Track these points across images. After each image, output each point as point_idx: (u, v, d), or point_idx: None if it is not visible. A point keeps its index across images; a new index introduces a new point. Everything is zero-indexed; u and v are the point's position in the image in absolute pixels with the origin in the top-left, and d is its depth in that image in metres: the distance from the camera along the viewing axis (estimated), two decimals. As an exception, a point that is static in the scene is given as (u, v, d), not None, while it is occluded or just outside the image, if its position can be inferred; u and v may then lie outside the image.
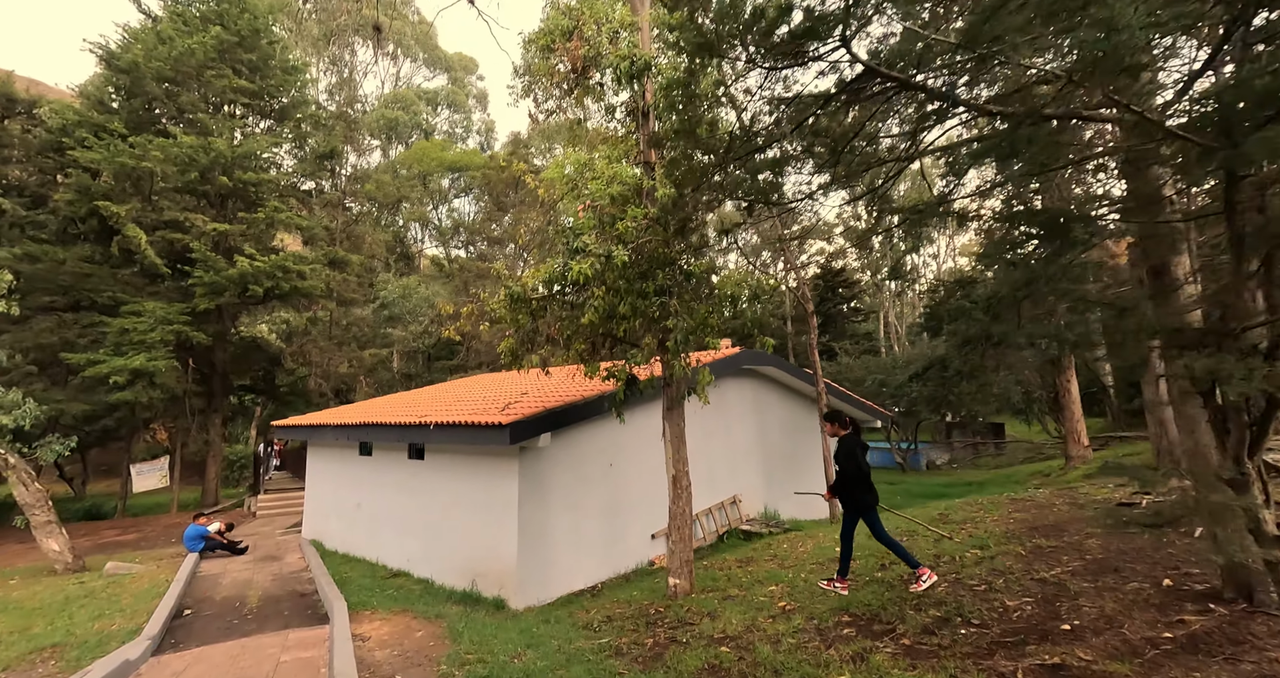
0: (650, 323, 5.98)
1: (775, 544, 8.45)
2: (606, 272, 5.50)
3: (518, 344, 7.21)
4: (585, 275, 5.27)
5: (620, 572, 9.15)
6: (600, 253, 5.44)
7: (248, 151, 16.04)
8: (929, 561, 5.37)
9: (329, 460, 12.71)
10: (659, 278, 5.91)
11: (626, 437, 9.60)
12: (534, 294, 6.93)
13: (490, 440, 7.74)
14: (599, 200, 5.62)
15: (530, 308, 6.89)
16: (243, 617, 7.90)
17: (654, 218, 6.05)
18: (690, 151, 4.49)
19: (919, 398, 13.40)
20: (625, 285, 5.90)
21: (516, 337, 7.18)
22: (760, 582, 6.43)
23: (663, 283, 5.88)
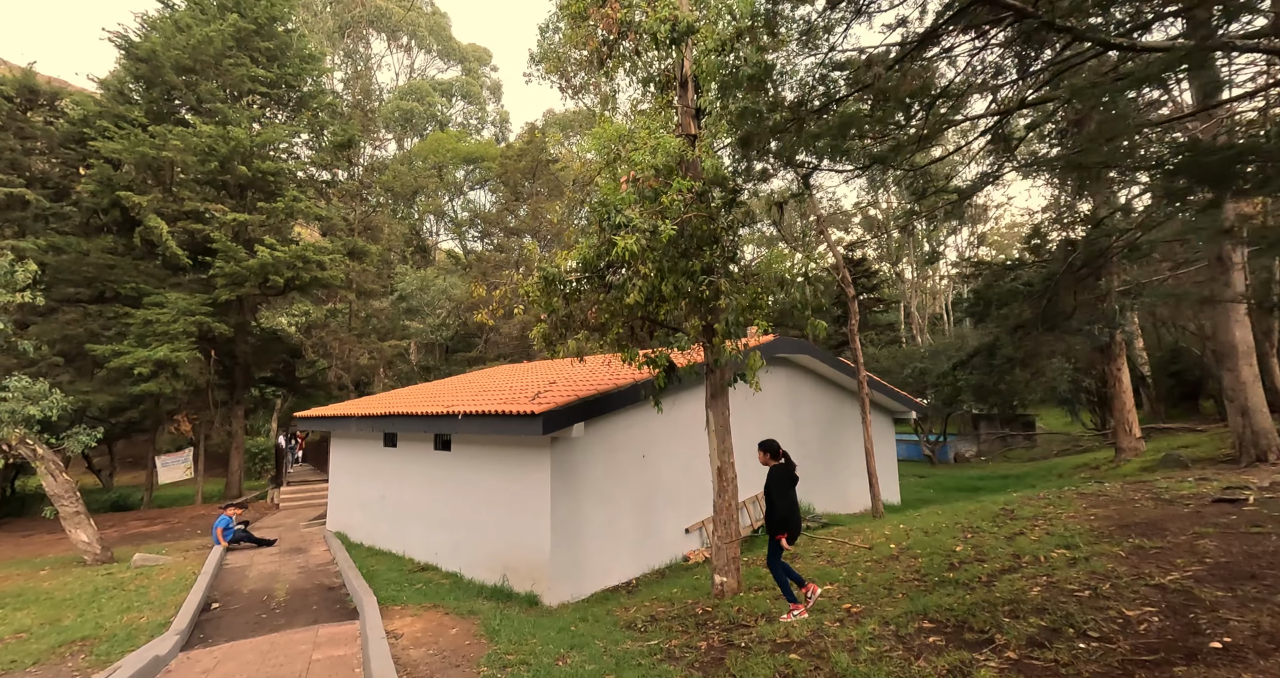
0: (698, 304, 5.59)
1: (819, 540, 8.05)
2: (651, 248, 5.11)
3: (551, 330, 6.87)
4: (630, 252, 4.88)
5: (654, 567, 8.84)
6: (645, 227, 5.05)
7: (267, 140, 15.87)
8: (1004, 555, 4.95)
9: (352, 452, 12.55)
10: (706, 255, 5.51)
11: (659, 427, 9.25)
12: (569, 276, 6.56)
13: (522, 430, 7.43)
14: (643, 172, 5.23)
15: (565, 291, 6.53)
16: (271, 611, 7.72)
17: (698, 192, 5.65)
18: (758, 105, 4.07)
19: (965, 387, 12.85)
20: (669, 264, 5.51)
21: (550, 321, 6.84)
22: (812, 581, 6.03)
23: (710, 261, 5.48)
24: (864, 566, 6.01)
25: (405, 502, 10.46)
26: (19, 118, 15.37)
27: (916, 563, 5.54)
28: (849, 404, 13.27)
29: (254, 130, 16.06)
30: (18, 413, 10.07)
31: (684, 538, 9.39)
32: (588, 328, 6.41)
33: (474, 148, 35.78)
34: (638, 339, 6.69)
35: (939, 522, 7.01)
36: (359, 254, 18.28)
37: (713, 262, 5.47)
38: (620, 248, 4.89)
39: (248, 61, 16.52)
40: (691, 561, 9.07)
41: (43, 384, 10.57)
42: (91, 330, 14.49)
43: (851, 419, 13.26)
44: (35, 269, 11.03)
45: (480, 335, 27.70)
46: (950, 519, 6.94)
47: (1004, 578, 4.26)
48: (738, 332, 5.13)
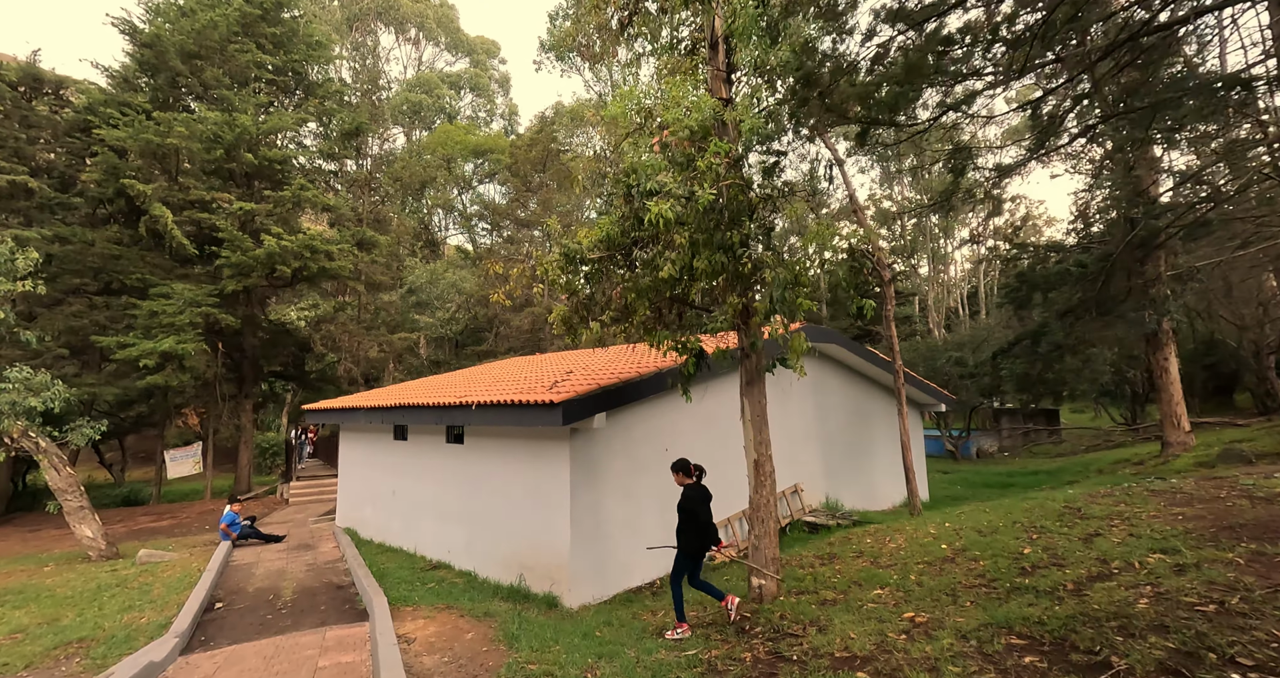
0: (735, 280, 5.07)
1: (856, 538, 7.53)
2: (687, 216, 4.60)
3: (571, 313, 6.38)
4: (665, 219, 4.38)
5: (678, 567, 8.35)
6: (681, 193, 4.54)
7: (273, 128, 15.50)
8: (1087, 559, 4.41)
9: (362, 446, 12.17)
10: (745, 226, 4.99)
11: (682, 419, 8.76)
12: (591, 254, 6.06)
13: (539, 421, 6.97)
14: (676, 132, 4.71)
15: (587, 270, 6.04)
16: (276, 611, 7.33)
17: (735, 158, 5.12)
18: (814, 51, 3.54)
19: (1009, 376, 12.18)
20: (704, 237, 5.00)
21: (570, 304, 6.36)
22: (858, 583, 5.53)
23: (750, 232, 4.96)
24: (915, 568, 5.48)
25: (416, 497, 10.06)
26: (23, 106, 15.11)
27: (978, 566, 5.01)
28: (876, 396, 12.71)
29: (260, 118, 15.68)
30: (19, 405, 9.76)
31: (709, 536, 8.89)
32: (611, 310, 5.91)
33: (483, 140, 35.34)
34: (665, 322, 6.19)
35: (991, 520, 6.46)
36: (368, 245, 17.90)
37: (753, 233, 4.94)
38: (654, 214, 4.38)
39: (253, 48, 16.15)
40: (718, 559, 8.58)
41: (44, 375, 10.26)
42: (97, 322, 14.22)
43: (879, 411, 12.70)
44: (36, 257, 10.71)
45: (490, 329, 27.32)
46: (1004, 518, 6.39)
47: (1096, 587, 3.74)
48: (784, 308, 4.61)
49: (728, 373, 9.18)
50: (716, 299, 6.09)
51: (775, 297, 4.61)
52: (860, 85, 3.86)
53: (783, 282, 4.55)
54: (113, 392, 13.95)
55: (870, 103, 3.94)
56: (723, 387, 9.33)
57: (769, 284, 4.66)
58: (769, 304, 4.68)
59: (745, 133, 4.86)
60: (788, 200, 4.98)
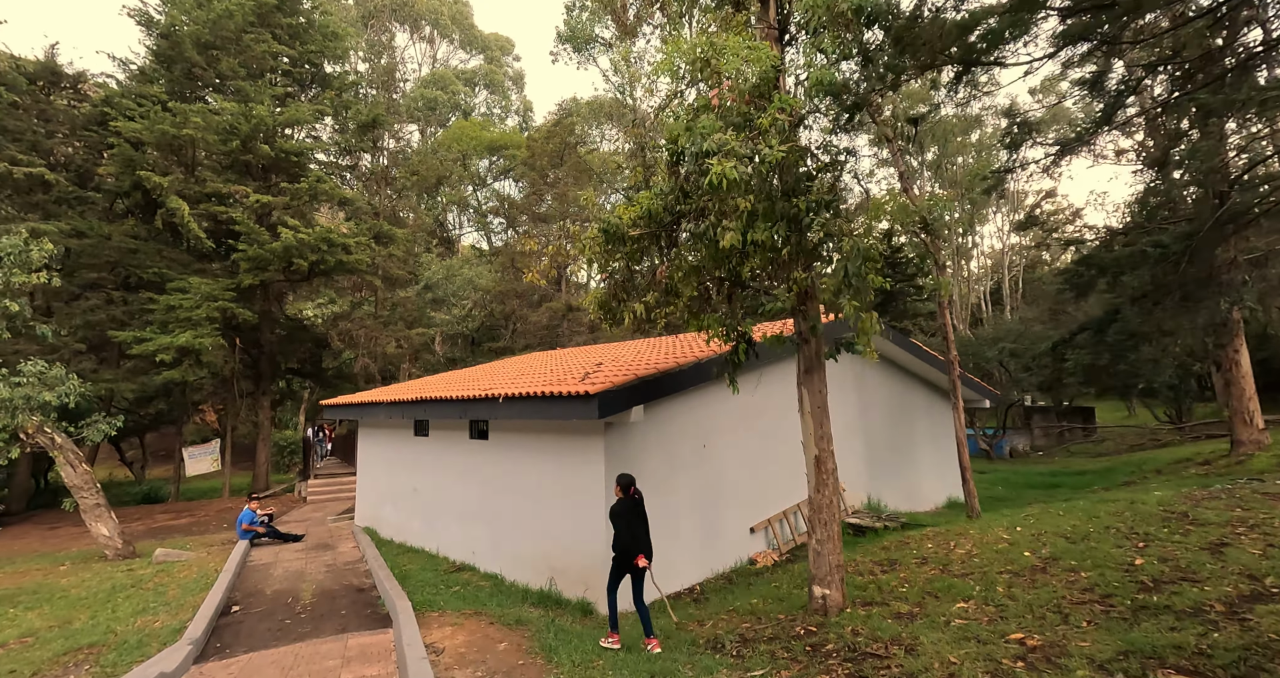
0: (800, 254, 4.52)
1: (914, 543, 6.94)
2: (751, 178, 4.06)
3: (609, 295, 5.87)
4: (728, 180, 3.84)
5: (718, 571, 7.83)
6: (745, 153, 4.00)
7: (290, 119, 15.22)
8: (1227, 573, 3.80)
9: (381, 442, 11.80)
10: (812, 193, 4.44)
11: (720, 413, 8.23)
12: (633, 230, 5.54)
13: (572, 414, 6.48)
14: (739, 85, 4.16)
15: (627, 248, 5.53)
16: (295, 616, 6.93)
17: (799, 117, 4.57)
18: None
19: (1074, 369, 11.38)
20: (766, 205, 4.46)
21: (609, 285, 5.85)
22: (933, 595, 4.95)
23: (819, 199, 4.40)
24: (1000, 578, 4.88)
25: (438, 496, 9.63)
26: (41, 100, 14.98)
27: (1081, 578, 4.41)
28: (918, 391, 12.06)
29: (277, 110, 15.40)
30: (33, 399, 9.50)
31: (749, 539, 8.36)
32: (655, 291, 5.39)
33: (498, 136, 35.02)
34: (714, 305, 5.66)
35: (1074, 524, 5.84)
36: (385, 238, 17.58)
37: (821, 200, 4.39)
38: (715, 173, 3.84)
39: (270, 38, 15.88)
40: (759, 564, 8.04)
41: (59, 369, 9.99)
42: (114, 317, 14.03)
43: (921, 408, 12.05)
44: (51, 249, 10.46)
45: (507, 325, 26.96)
46: (1088, 521, 5.77)
47: (1260, 610, 3.14)
48: (859, 283, 4.05)
49: (768, 364, 8.62)
50: (770, 278, 5.54)
51: (850, 271, 4.05)
52: (957, 22, 3.31)
53: (860, 252, 3.99)
54: (130, 388, 13.75)
55: (970, 40, 3.38)
56: (763, 379, 8.77)
57: (843, 256, 4.10)
58: (841, 279, 4.12)
59: (811, 85, 4.30)
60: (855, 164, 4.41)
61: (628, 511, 5.33)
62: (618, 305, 5.83)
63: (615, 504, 5.42)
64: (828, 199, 4.44)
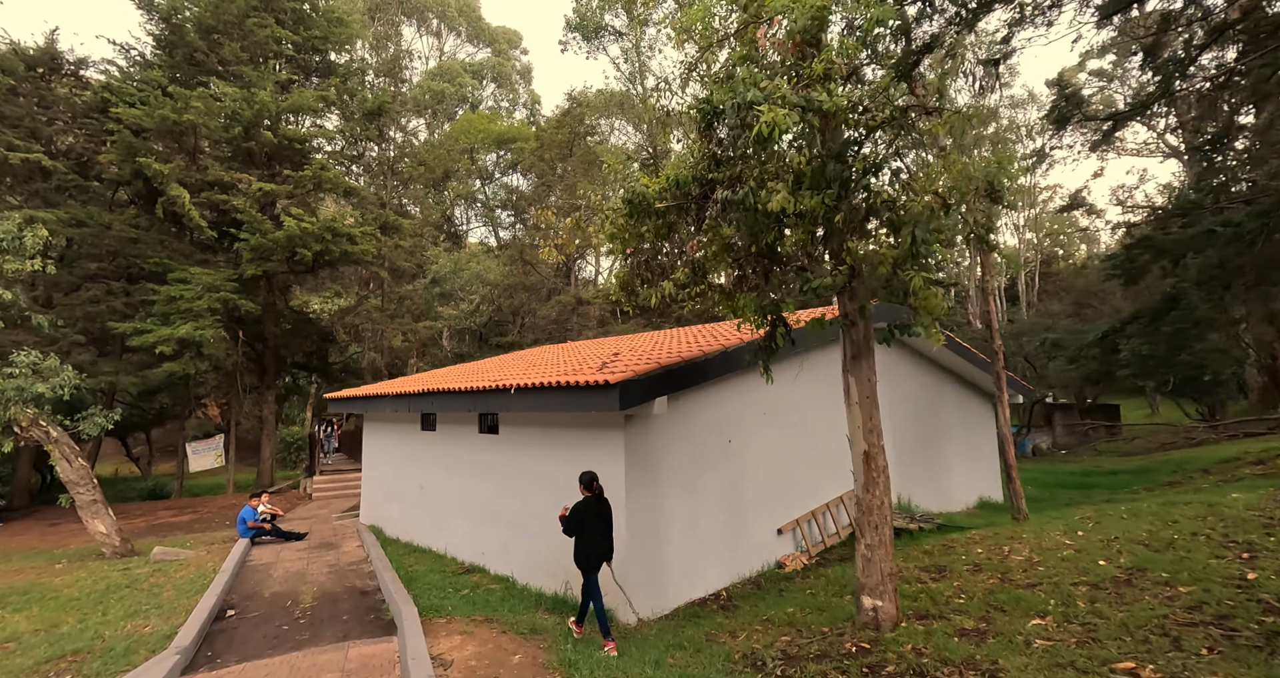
0: (855, 223, 3.98)
1: (959, 547, 6.39)
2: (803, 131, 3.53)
3: (632, 274, 5.36)
4: (781, 129, 3.31)
5: (745, 575, 7.32)
6: (797, 101, 3.46)
7: (294, 106, 14.80)
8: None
9: (386, 437, 11.36)
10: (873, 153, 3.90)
11: (746, 406, 7.71)
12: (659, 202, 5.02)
13: (591, 406, 5.97)
14: (795, 22, 3.62)
15: (653, 222, 5.01)
16: (294, 621, 6.49)
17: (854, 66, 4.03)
18: None
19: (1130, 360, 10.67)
20: (816, 167, 3.93)
21: (631, 264, 5.33)
22: (999, 608, 4.42)
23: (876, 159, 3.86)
24: (1077, 590, 4.34)
25: (446, 493, 9.17)
26: (41, 86, 14.64)
27: (1180, 594, 3.86)
28: (948, 385, 11.47)
29: (280, 97, 14.98)
30: (25, 390, 9.12)
31: (776, 541, 7.84)
32: (684, 269, 4.87)
33: (506, 129, 34.55)
34: (748, 284, 5.13)
35: (1150, 530, 5.28)
36: (391, 229, 17.14)
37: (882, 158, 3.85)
38: (765, 121, 3.31)
39: (273, 23, 15.46)
40: (788, 567, 7.51)
41: (53, 359, 9.61)
42: (115, 309, 13.69)
43: (951, 403, 11.47)
44: (45, 235, 10.08)
45: (515, 320, 26.52)
46: (1165, 526, 5.20)
47: None
48: (926, 252, 3.52)
49: (802, 353, 8.09)
50: (812, 254, 5.00)
51: (919, 237, 3.51)
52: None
53: (935, 214, 3.45)
54: (131, 381, 13.41)
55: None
56: (791, 369, 8.25)
57: (912, 220, 3.55)
58: (909, 247, 3.57)
59: (868, 25, 3.76)
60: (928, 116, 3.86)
61: (589, 509, 5.34)
62: (642, 286, 5.32)
63: (578, 503, 5.40)
64: (885, 159, 3.89)
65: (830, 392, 8.98)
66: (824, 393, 8.83)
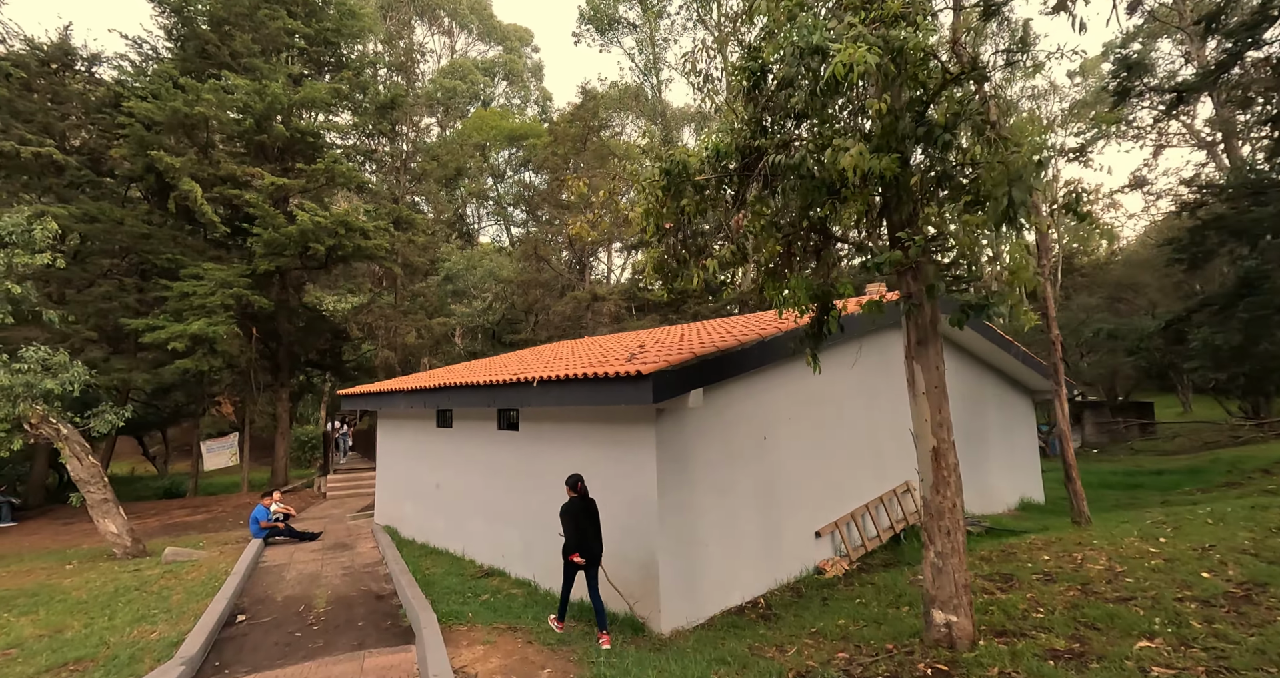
0: (933, 185, 3.52)
1: (1023, 553, 5.87)
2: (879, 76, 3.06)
3: (668, 254, 4.91)
4: (860, 71, 2.84)
5: (783, 581, 6.85)
6: (874, 40, 2.99)
7: (306, 99, 14.53)
8: None
9: (401, 435, 11.03)
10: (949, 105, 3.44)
11: (781, 400, 7.23)
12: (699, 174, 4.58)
13: (620, 399, 5.54)
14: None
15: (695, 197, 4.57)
16: (306, 627, 6.14)
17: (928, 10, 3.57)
18: None
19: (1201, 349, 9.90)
20: (888, 122, 3.47)
21: (667, 244, 4.89)
22: (1090, 625, 3.92)
23: (960, 111, 3.39)
24: (1187, 608, 3.82)
25: (463, 492, 8.80)
26: (55, 82, 14.53)
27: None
28: (988, 380, 10.90)
29: (292, 90, 14.73)
30: (34, 386, 8.89)
31: (814, 544, 7.35)
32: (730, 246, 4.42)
33: (518, 126, 34.27)
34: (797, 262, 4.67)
35: (1253, 537, 4.74)
36: (405, 223, 16.86)
37: (962, 112, 3.37)
38: (842, 60, 2.84)
39: (284, 15, 15.23)
40: (828, 573, 7.03)
41: (62, 355, 9.38)
42: (127, 305, 13.52)
43: (991, 399, 10.89)
44: (55, 228, 9.86)
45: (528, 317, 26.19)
46: (1273, 534, 4.64)
47: None
48: (1026, 213, 3.04)
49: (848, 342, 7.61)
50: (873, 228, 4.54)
51: (1016, 199, 3.02)
52: None
53: (1034, 169, 2.98)
54: (144, 377, 13.23)
55: None
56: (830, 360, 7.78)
57: (999, 181, 3.07)
58: (1003, 210, 3.09)
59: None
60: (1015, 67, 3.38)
61: (578, 510, 5.41)
62: (679, 266, 4.87)
63: (566, 503, 5.47)
64: (968, 113, 3.41)
65: (869, 384, 8.48)
66: (862, 385, 8.33)
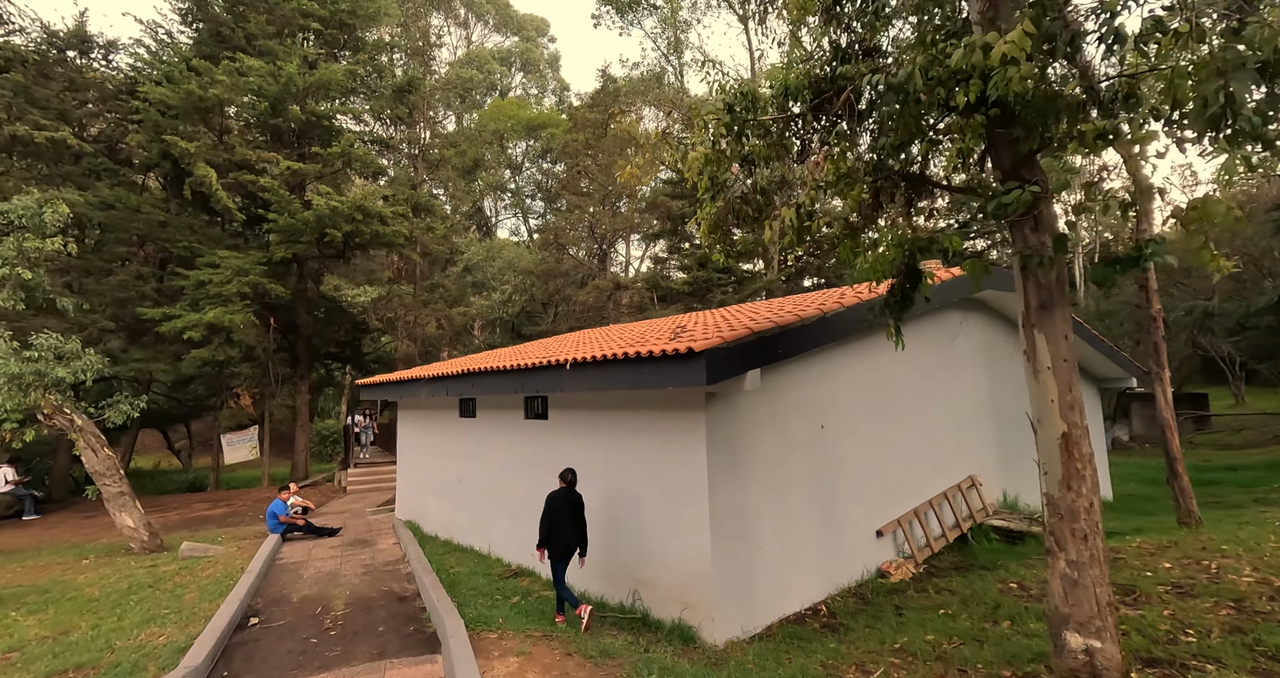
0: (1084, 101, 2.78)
1: (1127, 557, 5.11)
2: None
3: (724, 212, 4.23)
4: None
5: (843, 585, 6.15)
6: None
7: (321, 81, 14.08)
8: None
9: (423, 426, 10.54)
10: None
11: (838, 385, 6.52)
12: (764, 114, 3.89)
13: (666, 381, 4.88)
14: None
15: (760, 143, 3.88)
16: (323, 632, 5.62)
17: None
18: None
19: None
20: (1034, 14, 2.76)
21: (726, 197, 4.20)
22: (1272, 656, 3.14)
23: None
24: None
25: (489, 486, 8.25)
26: (72, 69, 14.30)
27: None
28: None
29: (307, 72, 14.30)
30: (46, 374, 8.55)
31: (875, 544, 6.63)
32: (808, 189, 3.72)
33: (536, 116, 33.70)
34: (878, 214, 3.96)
35: None
36: (423, 209, 16.39)
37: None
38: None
39: (298, -6, 14.76)
40: (893, 577, 6.30)
41: (74, 342, 9.04)
42: (144, 294, 13.26)
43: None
44: (66, 212, 9.51)
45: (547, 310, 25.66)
46: None
47: None
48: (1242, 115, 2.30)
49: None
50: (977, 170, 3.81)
51: (1237, 96, 2.28)
52: None
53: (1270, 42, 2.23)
54: (161, 368, 12.97)
55: None
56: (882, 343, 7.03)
57: (1207, 74, 2.33)
58: (1214, 112, 2.34)
59: None
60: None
61: (561, 502, 5.40)
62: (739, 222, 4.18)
63: (550, 494, 5.49)
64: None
65: (927, 368, 7.70)
66: (919, 370, 7.56)
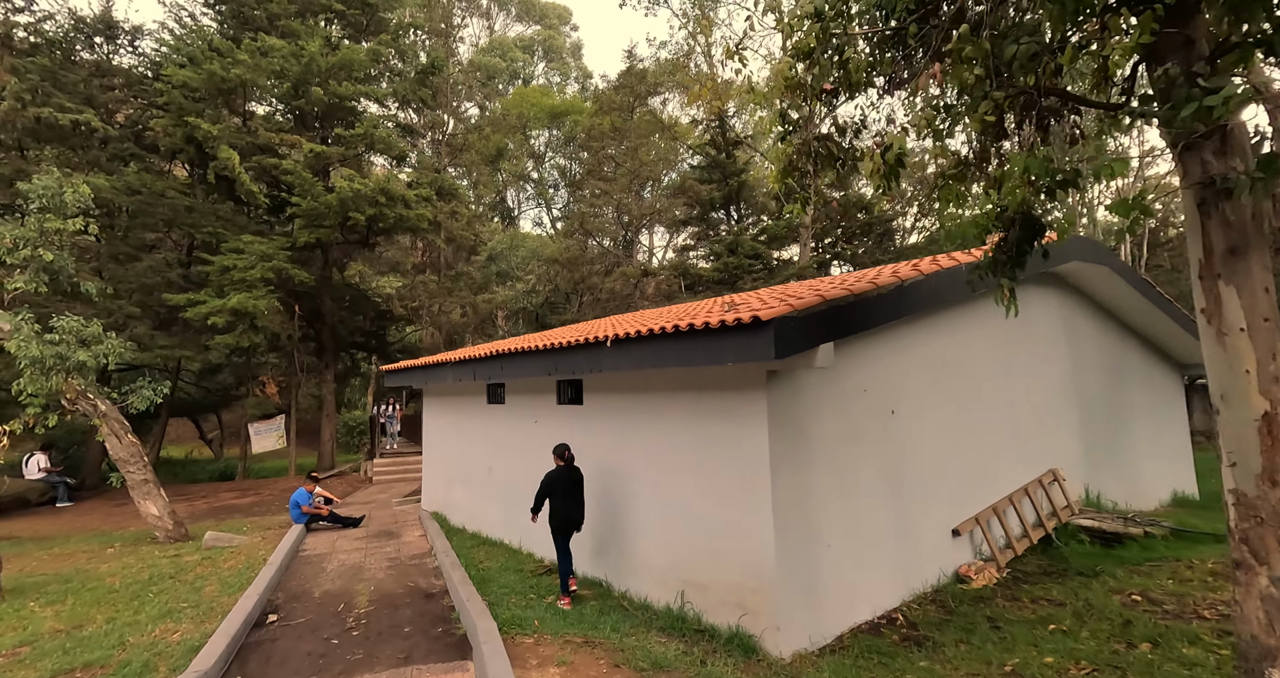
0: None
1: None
2: None
3: (805, 149, 3.57)
4: None
5: (918, 590, 5.46)
6: None
7: (344, 61, 13.71)
8: None
9: (449, 412, 10.09)
10: None
11: (909, 367, 5.81)
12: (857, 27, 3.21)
13: (725, 356, 4.24)
14: None
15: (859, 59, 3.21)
16: (345, 632, 5.17)
17: None
18: None
19: None
20: None
21: (804, 135, 3.53)
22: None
23: None
24: None
25: (519, 476, 7.72)
26: (98, 54, 14.22)
27: None
28: (1133, 350, 9.08)
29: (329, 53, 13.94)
30: (68, 358, 8.31)
31: (951, 544, 5.91)
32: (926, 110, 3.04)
33: (560, 103, 33.12)
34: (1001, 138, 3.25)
35: None
36: (447, 193, 15.98)
37: None
38: None
39: (320, -26, 14.41)
40: (974, 582, 5.58)
41: (96, 325, 8.79)
42: (170, 280, 13.13)
43: (1137, 372, 9.09)
44: (87, 192, 9.26)
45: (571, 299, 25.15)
46: None
47: None
48: None
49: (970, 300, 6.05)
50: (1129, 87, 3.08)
51: None
52: None
53: None
54: (186, 354, 12.82)
55: None
56: (958, 320, 6.28)
57: None
58: None
59: None
60: None
61: (561, 479, 5.53)
62: (827, 163, 3.51)
63: (550, 471, 5.61)
64: None
65: (1005, 349, 6.91)
66: (997, 350, 6.78)
